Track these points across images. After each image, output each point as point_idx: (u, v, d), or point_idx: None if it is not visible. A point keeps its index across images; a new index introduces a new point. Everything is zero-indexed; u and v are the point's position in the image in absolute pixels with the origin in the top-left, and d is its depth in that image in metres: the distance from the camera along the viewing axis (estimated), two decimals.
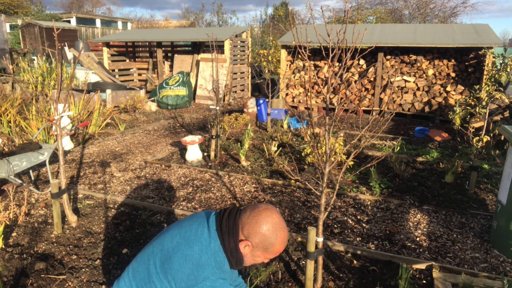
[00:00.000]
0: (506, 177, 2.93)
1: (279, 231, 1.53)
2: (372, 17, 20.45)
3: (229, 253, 1.55)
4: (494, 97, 5.15)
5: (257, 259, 1.57)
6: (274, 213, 1.56)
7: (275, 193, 4.13)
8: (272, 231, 1.52)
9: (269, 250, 1.53)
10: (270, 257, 1.55)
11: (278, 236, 1.53)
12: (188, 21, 31.05)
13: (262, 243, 1.52)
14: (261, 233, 1.52)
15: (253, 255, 1.56)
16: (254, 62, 13.86)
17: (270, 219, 1.53)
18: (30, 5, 30.00)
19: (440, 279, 2.57)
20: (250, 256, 1.57)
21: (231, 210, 1.62)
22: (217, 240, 1.55)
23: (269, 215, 1.53)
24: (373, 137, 5.96)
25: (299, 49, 2.19)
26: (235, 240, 1.55)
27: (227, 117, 6.79)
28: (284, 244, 1.56)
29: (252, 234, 1.52)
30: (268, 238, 1.52)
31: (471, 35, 8.17)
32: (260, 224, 1.52)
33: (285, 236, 1.55)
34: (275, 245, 1.53)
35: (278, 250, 1.54)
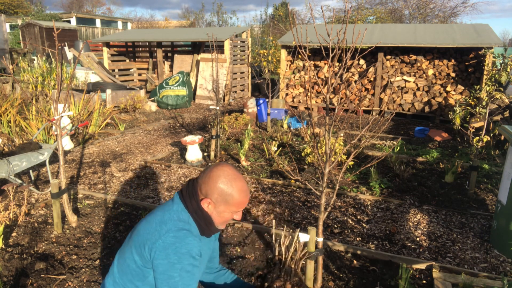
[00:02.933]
0: (506, 177, 2.93)
1: (234, 181, 1.52)
2: (372, 17, 20.45)
3: (195, 214, 1.54)
4: (494, 97, 5.15)
5: (225, 215, 1.54)
6: (225, 166, 1.55)
7: (275, 193, 4.13)
8: (226, 182, 1.51)
9: (230, 202, 1.51)
10: (236, 209, 1.53)
11: (234, 186, 1.51)
12: (188, 21, 31.05)
13: (221, 197, 1.51)
14: (216, 187, 1.51)
15: (218, 212, 1.54)
16: (254, 62, 13.86)
17: (222, 172, 1.53)
18: (30, 5, 30.00)
19: (440, 279, 2.57)
20: (216, 214, 1.55)
21: (190, 179, 1.65)
22: (180, 204, 1.57)
23: (220, 169, 1.54)
24: (373, 137, 5.96)
25: (299, 49, 2.19)
26: (196, 200, 1.55)
27: (227, 117, 6.79)
28: (243, 193, 1.53)
29: (209, 191, 1.52)
30: (225, 190, 1.51)
31: (471, 35, 8.17)
32: (214, 179, 1.52)
33: (242, 186, 1.53)
34: (233, 195, 1.51)
35: (239, 201, 1.52)
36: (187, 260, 1.42)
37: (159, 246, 1.43)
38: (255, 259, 2.86)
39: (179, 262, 1.42)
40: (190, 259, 1.43)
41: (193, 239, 1.47)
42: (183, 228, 1.48)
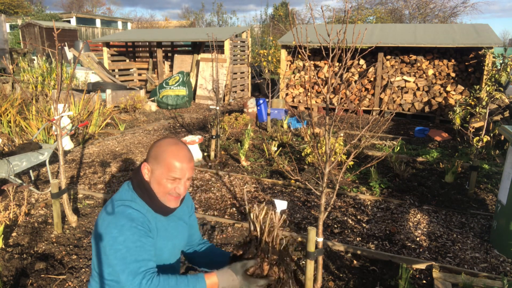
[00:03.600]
0: (506, 177, 2.93)
1: (170, 144, 1.48)
2: (372, 17, 20.45)
3: (138, 189, 1.50)
4: (494, 97, 5.15)
5: (163, 183, 1.47)
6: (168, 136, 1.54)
7: (275, 193, 4.13)
8: (161, 144, 1.49)
9: (161, 162, 1.46)
10: (169, 174, 1.45)
11: (168, 146, 1.48)
12: (188, 21, 31.05)
13: (154, 159, 1.48)
14: (152, 149, 1.50)
15: (155, 179, 1.48)
16: (254, 62, 13.86)
17: (163, 139, 1.52)
18: (30, 5, 30.01)
19: (440, 279, 2.57)
20: (154, 181, 1.48)
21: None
22: (126, 184, 1.55)
23: (162, 138, 1.53)
24: (373, 137, 5.96)
25: (299, 49, 2.19)
26: (139, 172, 1.52)
27: (227, 117, 6.79)
28: (176, 155, 1.46)
29: (147, 156, 1.51)
30: (158, 149, 1.48)
31: (471, 35, 8.17)
32: (154, 145, 1.51)
33: (177, 149, 1.47)
34: (165, 154, 1.46)
35: (171, 162, 1.45)
36: (129, 231, 1.37)
37: (101, 226, 1.40)
38: None
39: (120, 234, 1.36)
40: (133, 229, 1.38)
41: (133, 211, 1.42)
42: (122, 204, 1.44)
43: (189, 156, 1.51)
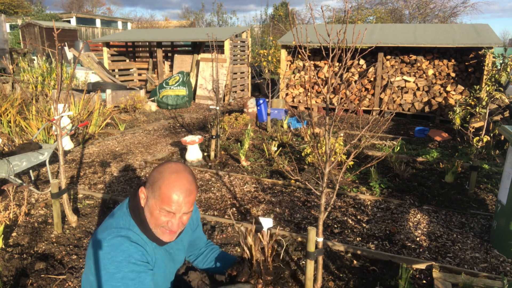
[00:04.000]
0: (506, 177, 2.93)
1: (169, 172, 1.32)
2: (372, 17, 20.45)
3: (133, 213, 1.38)
4: (494, 97, 5.15)
5: (155, 214, 1.33)
6: (173, 162, 1.38)
7: (275, 193, 4.13)
8: (161, 170, 1.34)
9: (156, 192, 1.31)
10: (162, 206, 1.30)
11: (166, 175, 1.32)
12: (188, 21, 31.05)
13: (151, 185, 1.33)
14: (152, 174, 1.36)
15: (149, 208, 1.35)
16: (254, 62, 13.86)
17: (166, 163, 1.37)
18: (30, 5, 30.01)
19: (440, 279, 2.57)
20: (148, 210, 1.35)
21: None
22: (125, 207, 1.43)
23: (166, 162, 1.39)
24: (373, 137, 5.96)
25: (299, 49, 2.19)
26: (136, 192, 1.40)
27: (227, 117, 6.79)
28: (173, 189, 1.29)
29: (146, 181, 1.37)
30: (155, 177, 1.33)
31: (471, 35, 8.17)
32: (155, 169, 1.36)
33: (176, 178, 1.30)
34: (161, 185, 1.30)
35: (165, 194, 1.29)
36: (127, 268, 1.28)
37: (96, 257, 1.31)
38: None
39: (118, 271, 1.27)
40: (131, 266, 1.29)
41: (130, 245, 1.31)
42: (118, 234, 1.33)
43: (189, 188, 1.34)
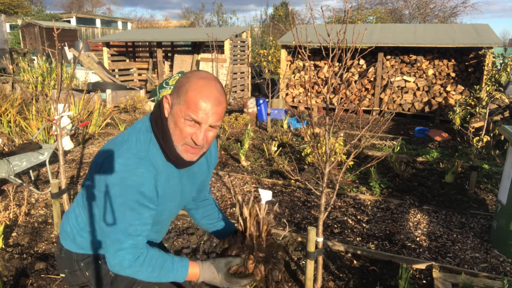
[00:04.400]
0: (506, 177, 2.93)
1: (198, 78, 1.20)
2: (372, 17, 20.45)
3: (154, 124, 1.25)
4: (494, 97, 5.15)
5: (180, 124, 1.20)
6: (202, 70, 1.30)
7: (275, 193, 4.13)
8: (189, 76, 1.22)
9: (182, 97, 1.18)
10: (188, 113, 1.17)
11: (194, 80, 1.20)
12: (188, 21, 31.05)
13: (176, 91, 1.21)
14: (179, 80, 1.23)
15: (173, 117, 1.21)
16: (254, 62, 13.86)
17: (194, 71, 1.25)
18: (30, 5, 30.01)
19: (440, 279, 2.57)
20: (171, 120, 1.22)
21: None
22: (146, 121, 1.30)
23: (194, 70, 1.28)
24: (373, 137, 5.96)
25: (299, 49, 2.19)
26: (161, 101, 1.27)
27: (227, 117, 6.79)
28: (201, 94, 1.17)
29: (173, 88, 1.25)
30: (183, 81, 1.20)
31: (471, 35, 8.17)
32: (183, 75, 1.25)
33: (203, 86, 1.18)
34: (187, 90, 1.17)
35: (192, 98, 1.17)
36: (132, 196, 1.17)
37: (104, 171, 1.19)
38: None
39: (121, 195, 1.17)
40: (137, 196, 1.17)
41: (146, 171, 1.19)
42: (136, 155, 1.19)
43: (218, 97, 1.21)
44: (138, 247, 1.21)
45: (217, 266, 1.32)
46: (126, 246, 1.19)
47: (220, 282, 1.31)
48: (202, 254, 2.89)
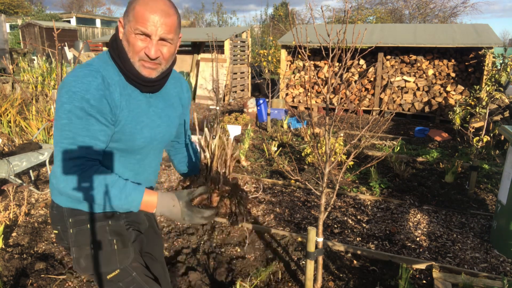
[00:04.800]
0: (506, 177, 2.93)
1: None
2: (372, 17, 20.45)
3: (111, 46, 1.29)
4: (494, 97, 5.15)
5: (131, 39, 1.22)
6: None
7: (275, 193, 4.13)
8: None
9: (130, 14, 1.21)
10: (137, 26, 1.19)
11: None
12: (188, 21, 31.05)
13: (126, 11, 1.24)
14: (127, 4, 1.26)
15: (126, 35, 1.24)
16: (254, 62, 13.86)
17: None
18: (30, 5, 30.02)
19: (440, 279, 2.57)
20: (125, 39, 1.24)
21: None
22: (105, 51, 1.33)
23: None
24: (373, 137, 5.95)
25: (299, 49, 2.19)
26: (116, 29, 1.30)
27: (227, 117, 6.79)
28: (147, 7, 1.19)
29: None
30: (130, 2, 1.23)
31: (471, 35, 8.17)
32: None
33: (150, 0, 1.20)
34: (135, 6, 1.20)
35: (139, 13, 1.19)
36: (78, 102, 1.16)
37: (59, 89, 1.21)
38: (255, 259, 2.86)
39: (68, 101, 1.16)
40: (82, 102, 1.16)
41: (94, 80, 1.20)
42: (88, 67, 1.23)
43: (166, 10, 1.22)
44: (86, 159, 1.18)
45: (178, 195, 1.26)
46: (73, 156, 1.17)
47: (180, 211, 1.24)
48: (202, 254, 2.89)
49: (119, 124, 1.26)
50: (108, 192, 1.20)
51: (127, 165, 1.37)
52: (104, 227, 1.38)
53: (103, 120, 1.21)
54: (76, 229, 1.37)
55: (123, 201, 1.21)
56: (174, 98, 1.48)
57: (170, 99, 1.45)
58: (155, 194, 1.24)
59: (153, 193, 1.25)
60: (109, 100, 1.22)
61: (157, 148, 1.45)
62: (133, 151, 1.35)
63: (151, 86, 1.32)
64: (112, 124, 1.24)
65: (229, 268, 2.72)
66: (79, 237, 1.36)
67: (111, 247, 1.37)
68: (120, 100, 1.25)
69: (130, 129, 1.29)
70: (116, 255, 1.38)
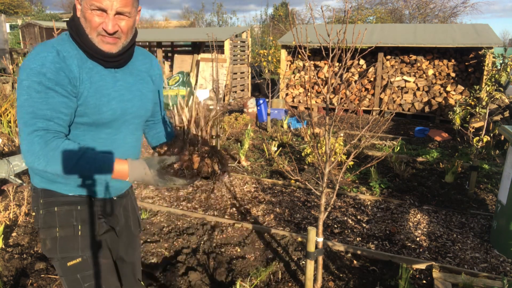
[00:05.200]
0: (506, 177, 2.93)
1: None
2: (372, 17, 20.45)
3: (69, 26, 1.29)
4: (494, 97, 5.15)
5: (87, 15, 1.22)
6: None
7: (275, 193, 4.13)
8: None
9: None
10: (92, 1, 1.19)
11: None
12: (188, 21, 31.05)
13: None
14: None
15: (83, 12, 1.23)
16: (254, 62, 13.86)
17: None
18: (30, 5, 30.02)
19: (440, 279, 2.57)
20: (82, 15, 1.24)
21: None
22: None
23: None
24: (373, 137, 5.95)
25: (299, 49, 2.19)
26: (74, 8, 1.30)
27: (227, 117, 6.79)
28: None
29: None
30: None
31: (471, 35, 8.17)
32: None
33: None
34: None
35: None
36: (35, 77, 1.17)
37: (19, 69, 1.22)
38: (255, 259, 2.86)
39: (26, 78, 1.18)
40: (39, 76, 1.17)
41: (49, 53, 1.21)
42: (45, 44, 1.24)
43: None
44: (50, 132, 1.18)
45: (149, 162, 1.25)
46: (35, 128, 1.16)
47: (152, 178, 1.23)
48: (202, 254, 2.89)
49: (81, 97, 1.25)
50: (77, 164, 1.18)
51: (97, 140, 1.34)
52: (71, 211, 1.37)
53: (63, 92, 1.20)
54: (45, 210, 1.37)
55: (93, 172, 1.20)
56: (143, 73, 1.46)
57: (139, 74, 1.44)
58: (126, 163, 1.23)
59: (123, 162, 1.23)
60: (67, 72, 1.22)
61: (131, 123, 1.43)
62: (101, 125, 1.33)
63: (113, 61, 1.31)
64: (74, 96, 1.24)
65: (229, 268, 2.72)
66: (47, 218, 1.37)
67: (74, 232, 1.36)
68: (80, 73, 1.24)
69: (95, 101, 1.27)
70: (79, 242, 1.36)
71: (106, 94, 1.30)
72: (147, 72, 1.48)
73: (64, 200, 1.38)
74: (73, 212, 1.38)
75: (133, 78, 1.40)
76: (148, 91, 1.46)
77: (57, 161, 1.17)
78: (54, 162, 1.17)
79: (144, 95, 1.44)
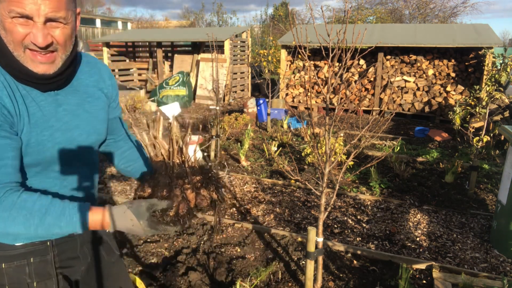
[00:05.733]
0: (506, 177, 2.93)
1: None
2: (372, 17, 20.44)
3: None
4: (494, 97, 5.15)
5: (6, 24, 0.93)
6: None
7: (275, 193, 4.13)
8: None
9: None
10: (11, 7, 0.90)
11: None
12: (188, 21, 31.05)
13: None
14: None
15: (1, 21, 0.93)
16: (254, 62, 13.86)
17: None
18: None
19: (440, 279, 2.57)
20: (1, 27, 0.95)
21: None
22: None
23: None
24: (373, 137, 5.95)
25: (299, 49, 2.19)
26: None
27: (227, 117, 6.79)
28: None
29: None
30: None
31: (471, 35, 8.18)
32: None
33: None
34: None
35: None
36: None
37: None
38: (255, 259, 2.86)
39: None
40: None
41: None
42: None
43: None
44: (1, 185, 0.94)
45: (136, 211, 1.02)
46: None
47: (143, 230, 1.02)
48: (202, 254, 2.89)
49: (22, 134, 1.01)
50: (41, 221, 0.96)
51: (45, 181, 1.10)
52: (23, 266, 1.12)
53: (2, 133, 0.96)
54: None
55: (64, 229, 0.98)
56: (92, 88, 1.19)
57: (87, 90, 1.17)
58: (105, 212, 1.02)
59: (99, 210, 1.02)
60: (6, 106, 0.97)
61: (83, 151, 1.17)
62: (48, 163, 1.08)
63: (51, 83, 1.04)
64: (15, 135, 1.00)
65: (229, 268, 2.72)
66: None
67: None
68: (13, 106, 0.99)
69: (36, 138, 1.03)
70: None
71: (48, 127, 1.05)
72: (97, 86, 1.21)
73: (13, 254, 1.11)
74: (25, 267, 1.12)
75: (78, 97, 1.14)
76: (98, 109, 1.20)
77: (16, 222, 0.94)
78: (13, 224, 0.94)
79: (93, 116, 1.18)
